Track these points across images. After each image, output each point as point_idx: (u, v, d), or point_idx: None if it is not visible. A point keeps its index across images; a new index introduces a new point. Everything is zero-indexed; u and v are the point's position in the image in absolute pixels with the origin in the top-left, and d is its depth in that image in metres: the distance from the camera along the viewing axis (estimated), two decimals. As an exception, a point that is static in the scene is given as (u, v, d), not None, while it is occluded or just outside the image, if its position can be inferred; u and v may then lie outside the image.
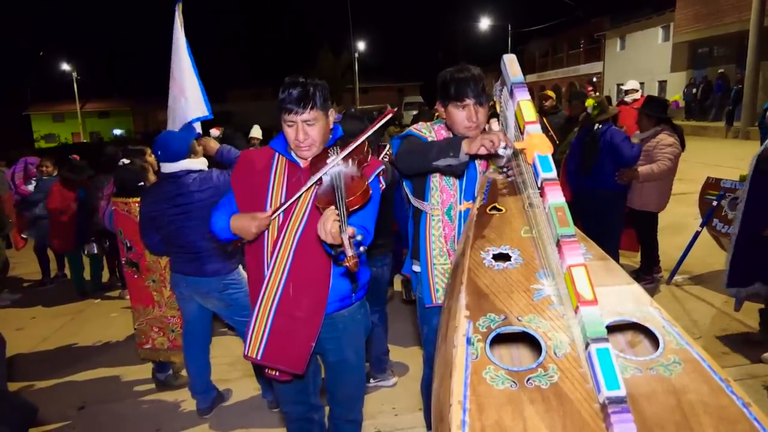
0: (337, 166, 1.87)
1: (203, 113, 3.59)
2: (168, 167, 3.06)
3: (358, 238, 1.54)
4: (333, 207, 1.66)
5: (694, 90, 20.39)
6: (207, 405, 3.41)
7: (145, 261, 3.49)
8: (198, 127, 3.48)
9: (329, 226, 1.58)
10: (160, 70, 3.93)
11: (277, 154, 2.04)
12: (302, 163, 2.00)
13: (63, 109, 46.95)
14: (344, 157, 1.89)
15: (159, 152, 3.08)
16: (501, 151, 1.87)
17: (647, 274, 4.83)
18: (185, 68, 3.58)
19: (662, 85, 24.58)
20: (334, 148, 1.97)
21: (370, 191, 1.82)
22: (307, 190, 1.92)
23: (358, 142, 1.91)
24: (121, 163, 4.10)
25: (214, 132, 5.14)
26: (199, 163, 3.13)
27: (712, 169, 5.52)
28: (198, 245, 2.99)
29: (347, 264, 1.51)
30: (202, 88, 3.61)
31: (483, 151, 1.88)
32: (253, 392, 3.63)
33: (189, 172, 3.04)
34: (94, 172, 5.89)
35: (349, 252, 1.51)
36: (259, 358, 1.94)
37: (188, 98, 3.55)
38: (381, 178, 2.03)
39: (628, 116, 6.55)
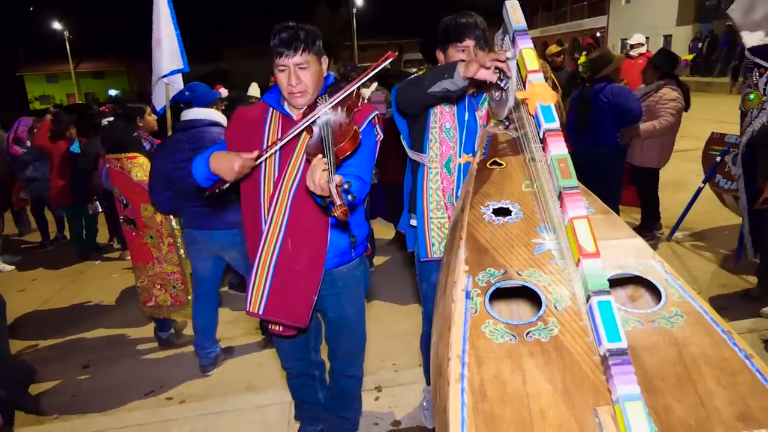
0: (326, 114, 1.81)
1: (179, 66, 3.52)
2: (191, 113, 3.05)
3: (345, 186, 1.50)
4: (320, 156, 1.61)
5: (700, 44, 19.96)
6: (210, 362, 3.45)
7: (142, 217, 3.46)
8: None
9: (317, 177, 1.53)
10: (154, 28, 3.85)
11: (270, 108, 1.99)
12: (295, 116, 1.94)
13: (56, 69, 46.10)
14: (334, 104, 1.83)
15: (187, 92, 3.13)
16: (502, 83, 1.79)
17: (648, 231, 4.81)
18: (162, 17, 3.48)
19: (667, 39, 24.05)
20: (324, 96, 1.91)
21: (360, 137, 1.76)
22: (295, 137, 1.86)
23: (351, 88, 1.84)
24: (106, 122, 4.03)
25: (223, 91, 5.05)
26: (220, 117, 3.13)
27: (716, 125, 5.44)
28: None
29: (336, 213, 1.47)
30: (180, 40, 3.51)
31: (482, 75, 1.78)
32: (254, 349, 3.67)
33: (210, 123, 3.02)
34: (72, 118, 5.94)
35: (338, 201, 1.47)
36: (260, 313, 1.94)
37: (163, 50, 3.46)
38: (377, 126, 1.98)
39: (631, 70, 6.40)
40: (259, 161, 1.88)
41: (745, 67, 3.79)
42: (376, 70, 1.86)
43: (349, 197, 1.49)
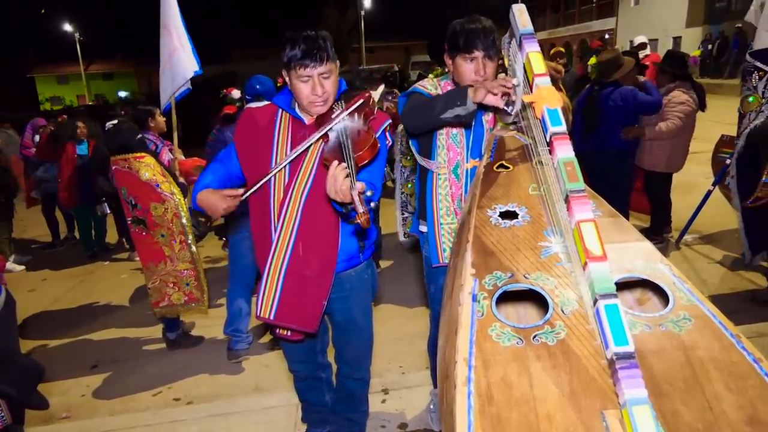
0: (342, 121, 1.80)
1: (196, 68, 3.58)
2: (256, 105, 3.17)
3: (368, 193, 1.49)
4: (342, 163, 1.58)
5: (710, 46, 19.83)
6: (245, 347, 3.59)
7: (152, 216, 3.46)
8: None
9: (340, 184, 1.51)
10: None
11: (280, 110, 1.99)
12: (307, 120, 1.94)
13: (67, 71, 46.61)
14: (350, 112, 1.82)
15: (258, 86, 3.39)
16: (508, 108, 1.80)
17: (656, 234, 4.78)
18: (179, 21, 3.53)
19: (677, 41, 23.91)
20: (338, 102, 1.90)
21: (378, 145, 1.76)
22: (305, 150, 1.87)
23: (359, 101, 1.84)
24: (110, 125, 4.05)
25: (236, 93, 5.06)
26: None
27: (725, 128, 5.39)
28: None
29: (359, 221, 1.46)
30: (191, 42, 3.57)
31: (489, 100, 1.79)
32: (262, 351, 3.68)
33: None
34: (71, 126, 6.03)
35: (360, 208, 1.46)
36: (271, 318, 1.94)
37: (186, 52, 3.51)
38: (388, 133, 1.98)
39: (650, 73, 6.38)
40: (245, 197, 1.90)
41: (744, 70, 3.81)
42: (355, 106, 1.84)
43: (372, 204, 1.49)
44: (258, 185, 1.90)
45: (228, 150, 2.06)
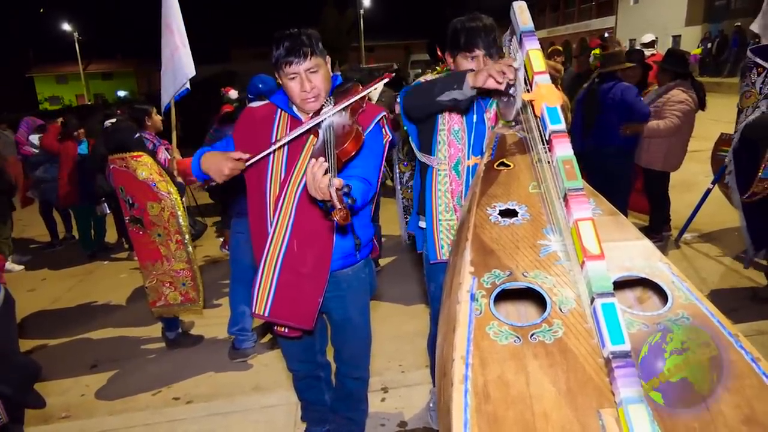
0: (330, 117, 1.81)
1: (193, 70, 3.59)
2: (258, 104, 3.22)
3: (345, 189, 1.47)
4: (318, 160, 1.56)
5: (709, 45, 19.84)
6: (251, 346, 3.59)
7: (148, 216, 3.45)
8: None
9: (318, 181, 1.50)
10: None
11: (278, 109, 2.00)
12: (304, 118, 1.95)
13: (66, 70, 46.59)
14: (339, 109, 1.82)
15: (260, 85, 3.41)
16: (510, 90, 1.79)
17: (656, 233, 4.77)
18: (180, 20, 3.54)
19: (676, 39, 23.91)
20: (330, 99, 1.92)
21: (362, 137, 1.76)
22: (301, 139, 1.88)
23: (356, 98, 1.84)
24: (108, 124, 4.05)
25: (233, 93, 5.03)
26: None
27: (724, 126, 5.39)
28: None
29: (336, 217, 1.45)
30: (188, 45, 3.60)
31: (491, 84, 1.78)
32: (261, 350, 3.68)
33: None
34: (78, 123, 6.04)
35: (338, 205, 1.46)
36: (266, 314, 1.94)
37: (187, 51, 3.51)
38: (386, 127, 1.98)
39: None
40: (249, 164, 1.89)
41: (744, 66, 3.89)
42: (375, 85, 1.85)
43: (350, 201, 1.48)
44: (262, 155, 1.89)
45: (226, 142, 2.06)
